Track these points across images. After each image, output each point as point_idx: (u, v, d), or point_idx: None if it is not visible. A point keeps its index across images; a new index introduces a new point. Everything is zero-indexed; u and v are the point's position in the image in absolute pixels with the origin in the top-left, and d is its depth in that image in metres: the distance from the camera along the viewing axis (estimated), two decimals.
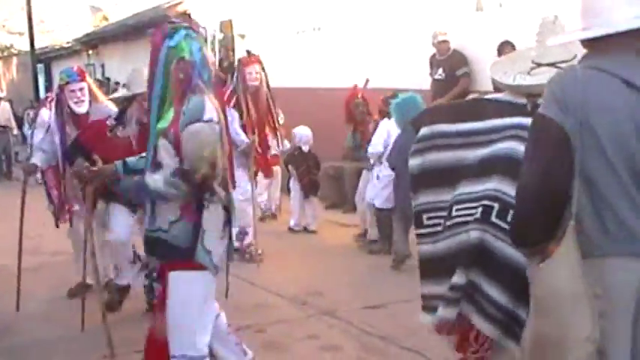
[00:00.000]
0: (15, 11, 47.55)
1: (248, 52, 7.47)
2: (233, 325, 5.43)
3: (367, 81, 8.67)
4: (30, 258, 5.42)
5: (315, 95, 11.49)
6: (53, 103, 6.17)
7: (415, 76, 9.54)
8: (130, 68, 5.81)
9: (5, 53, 39.87)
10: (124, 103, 5.59)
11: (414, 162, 2.95)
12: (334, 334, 5.31)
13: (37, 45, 25.48)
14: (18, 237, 5.92)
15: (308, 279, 6.66)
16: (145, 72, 4.72)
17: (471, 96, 8.92)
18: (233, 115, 7.00)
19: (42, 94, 26.03)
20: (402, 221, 6.94)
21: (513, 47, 8.35)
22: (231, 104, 7.14)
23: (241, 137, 7.14)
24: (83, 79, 6.11)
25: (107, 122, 5.53)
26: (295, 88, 11.52)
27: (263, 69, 7.47)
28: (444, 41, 9.25)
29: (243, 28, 14.47)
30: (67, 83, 6.02)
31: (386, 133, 7.32)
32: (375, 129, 7.68)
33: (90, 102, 6.08)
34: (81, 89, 6.04)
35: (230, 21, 15.13)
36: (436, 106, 5.96)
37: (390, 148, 7.16)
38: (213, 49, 15.91)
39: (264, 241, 7.36)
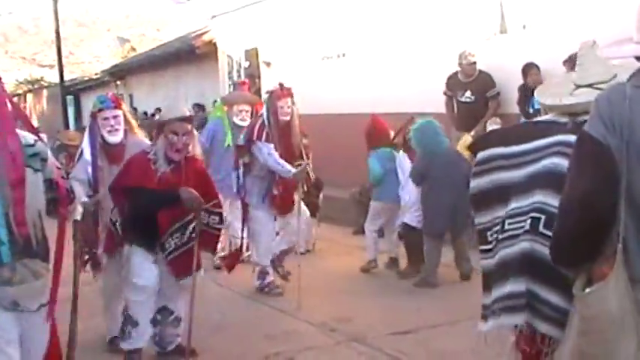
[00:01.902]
0: (45, 45, 48.45)
1: (281, 85, 7.08)
2: (262, 353, 5.46)
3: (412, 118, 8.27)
4: (61, 289, 5.42)
5: (339, 121, 11.53)
6: (86, 132, 5.70)
7: (439, 100, 9.57)
8: (157, 98, 5.70)
9: (36, 86, 40.53)
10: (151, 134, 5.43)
11: (474, 184, 3.06)
12: None
13: (66, 77, 25.92)
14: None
15: (336, 305, 6.64)
16: (183, 108, 5.12)
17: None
18: (269, 148, 6.81)
19: (71, 125, 26.39)
20: (432, 240, 7.01)
21: (538, 69, 8.36)
22: (263, 138, 6.85)
23: (286, 167, 6.80)
24: (118, 107, 5.55)
25: (149, 157, 5.02)
26: (320, 114, 11.56)
27: (293, 102, 7.10)
28: (474, 63, 9.19)
29: (269, 56, 14.60)
30: (100, 110, 5.48)
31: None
32: None
33: (125, 132, 5.53)
34: (115, 117, 5.46)
35: (255, 49, 15.26)
36: (491, 131, 6.08)
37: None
38: (239, 77, 16.06)
39: (288, 267, 7.34)
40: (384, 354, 5.34)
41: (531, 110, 8.00)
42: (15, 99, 35.70)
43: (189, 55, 18.99)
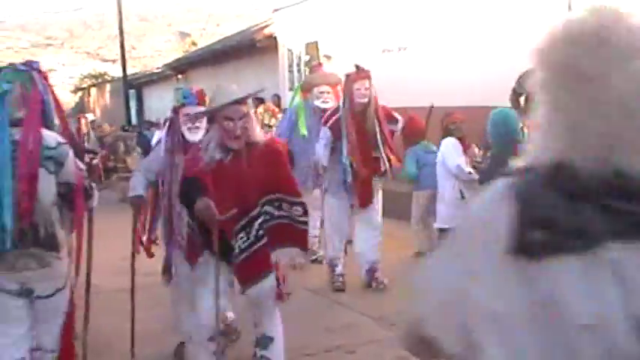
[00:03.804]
0: (108, 40, 49.33)
1: (357, 66, 6.77)
2: (323, 346, 5.45)
3: (432, 106, 8.42)
4: (123, 279, 5.50)
5: (401, 114, 11.43)
6: (165, 126, 5.40)
7: (500, 93, 9.38)
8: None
9: (99, 80, 41.37)
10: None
11: None
12: None
13: (128, 71, 26.30)
14: (113, 258, 6.05)
15: (395, 298, 6.57)
16: (232, 87, 4.46)
17: None
18: (324, 133, 6.68)
19: (133, 118, 26.81)
20: None
21: None
22: (329, 123, 6.67)
23: (317, 154, 6.66)
24: (201, 103, 5.14)
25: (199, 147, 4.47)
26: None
27: (371, 85, 6.75)
28: None
29: (329, 49, 14.56)
30: (183, 105, 5.14)
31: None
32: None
33: (207, 131, 4.80)
34: (198, 114, 5.02)
35: (316, 43, 15.25)
36: None
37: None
38: (299, 71, 16.08)
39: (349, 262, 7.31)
40: None
41: None
42: (79, 93, 36.47)
43: (249, 48, 19.09)
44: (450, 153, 7.39)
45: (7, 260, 3.61)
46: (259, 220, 4.27)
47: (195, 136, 5.00)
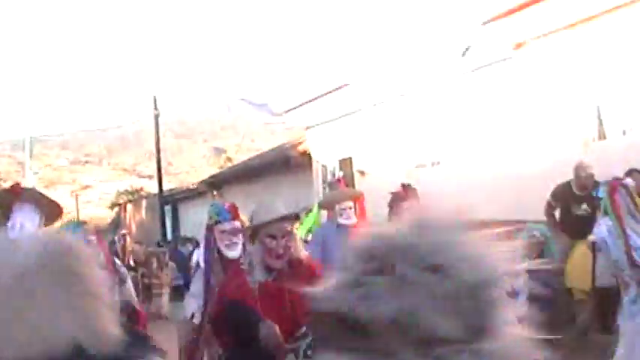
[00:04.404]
0: (144, 156, 50.43)
1: (404, 185, 6.71)
2: None
3: None
4: None
5: None
6: (202, 245, 5.28)
7: (534, 209, 9.40)
8: (251, 209, 4.45)
9: (135, 196, 41.98)
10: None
11: None
12: None
13: (165, 187, 26.67)
14: None
15: None
16: (276, 204, 4.23)
17: None
18: None
19: (169, 234, 27.06)
20: None
21: None
22: None
23: None
24: (236, 218, 5.02)
25: (242, 268, 4.20)
26: None
27: None
28: (593, 175, 8.27)
29: (363, 165, 14.76)
30: (217, 223, 5.00)
31: None
32: None
33: (244, 245, 4.70)
34: (233, 229, 4.95)
35: (350, 158, 15.45)
36: None
37: None
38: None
39: None
40: None
41: None
42: (115, 208, 36.92)
43: (284, 165, 19.34)
44: None
45: None
46: (307, 340, 3.92)
47: (233, 253, 4.87)
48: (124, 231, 14.60)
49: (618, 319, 5.49)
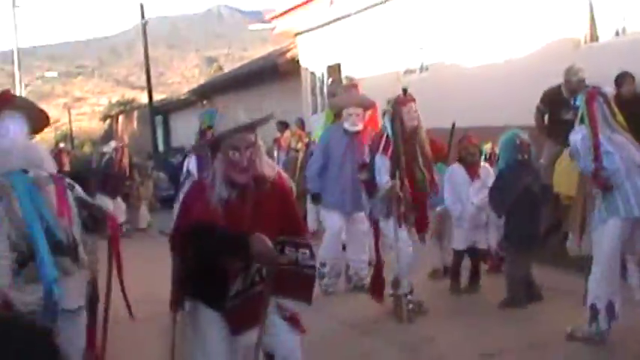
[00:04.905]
0: (137, 67, 49.99)
1: (404, 90, 6.49)
2: None
3: (454, 125, 8.02)
4: (146, 307, 5.31)
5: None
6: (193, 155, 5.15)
7: (521, 112, 9.21)
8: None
9: (127, 107, 41.76)
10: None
11: None
12: None
13: (156, 98, 26.44)
14: (142, 289, 5.77)
15: (416, 324, 6.38)
16: (237, 113, 3.78)
17: None
18: (383, 162, 6.32)
19: (160, 144, 26.95)
20: (517, 254, 6.62)
21: (633, 78, 7.90)
22: (388, 154, 6.30)
23: (381, 183, 6.33)
24: None
25: (205, 183, 3.80)
26: None
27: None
28: (584, 79, 8.05)
29: (351, 71, 14.51)
30: (210, 127, 5.06)
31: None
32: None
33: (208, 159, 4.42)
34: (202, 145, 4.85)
35: (338, 65, 15.24)
36: None
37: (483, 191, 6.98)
38: (321, 94, 16.05)
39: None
40: None
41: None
42: (108, 120, 36.94)
43: (272, 73, 19.13)
44: (447, 185, 7.21)
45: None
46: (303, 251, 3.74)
47: None
48: (120, 143, 14.36)
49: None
